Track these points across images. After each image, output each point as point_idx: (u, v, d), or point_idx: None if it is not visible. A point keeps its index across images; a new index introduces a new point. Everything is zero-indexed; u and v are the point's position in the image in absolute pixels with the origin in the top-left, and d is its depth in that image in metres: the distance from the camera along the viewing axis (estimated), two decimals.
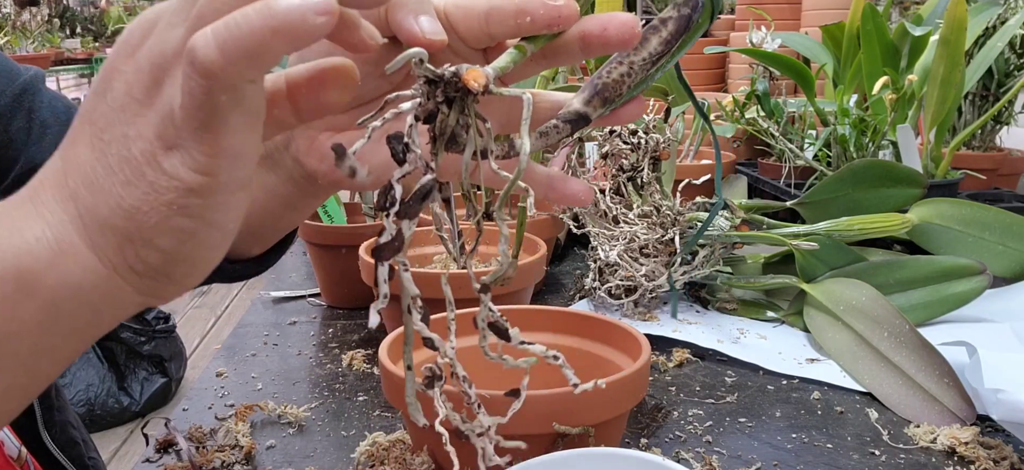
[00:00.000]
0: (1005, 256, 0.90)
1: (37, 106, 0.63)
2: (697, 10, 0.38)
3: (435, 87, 0.33)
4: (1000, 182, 1.27)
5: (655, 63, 0.38)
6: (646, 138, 0.92)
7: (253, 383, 0.77)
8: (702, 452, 0.62)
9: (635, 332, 0.60)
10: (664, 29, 0.38)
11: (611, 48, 0.37)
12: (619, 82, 0.38)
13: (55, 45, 4.99)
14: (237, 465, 0.61)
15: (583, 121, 0.39)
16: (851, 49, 1.33)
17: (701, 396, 0.72)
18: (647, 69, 0.38)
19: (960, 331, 0.77)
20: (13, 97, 0.62)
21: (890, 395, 0.70)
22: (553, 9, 0.36)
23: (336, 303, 0.98)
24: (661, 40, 0.38)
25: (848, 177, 0.97)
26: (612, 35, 0.36)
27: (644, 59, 0.38)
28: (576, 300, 0.94)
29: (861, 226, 0.89)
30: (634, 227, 0.88)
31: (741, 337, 0.84)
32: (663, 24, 0.38)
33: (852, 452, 0.62)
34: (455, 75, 0.32)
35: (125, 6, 4.43)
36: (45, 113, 0.64)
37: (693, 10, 0.38)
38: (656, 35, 0.38)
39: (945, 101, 1.06)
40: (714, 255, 0.89)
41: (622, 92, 0.38)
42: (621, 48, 0.37)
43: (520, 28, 0.36)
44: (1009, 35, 1.12)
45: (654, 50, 0.38)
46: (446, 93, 0.33)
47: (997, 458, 0.60)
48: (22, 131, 0.62)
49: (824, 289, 0.83)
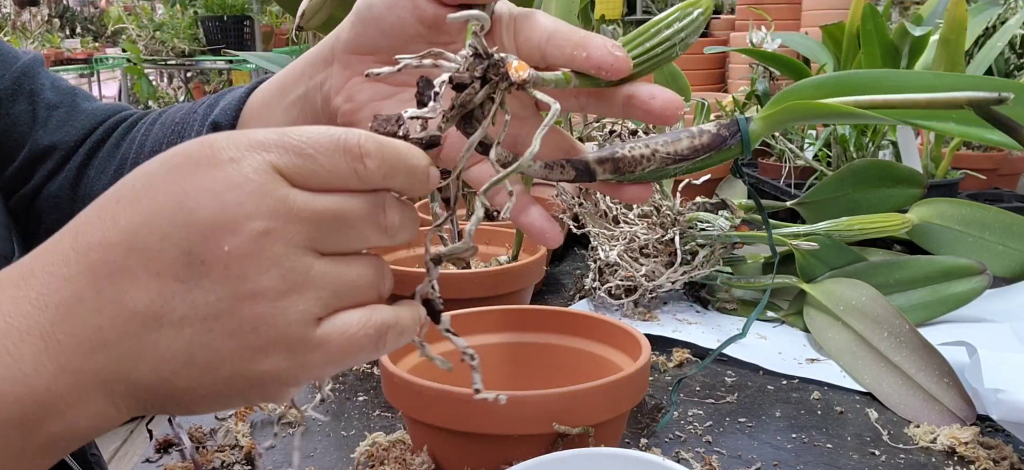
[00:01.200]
0: (1005, 256, 0.90)
1: (39, 88, 0.61)
2: (733, 137, 0.39)
3: (479, 62, 0.33)
4: (1000, 182, 1.27)
5: (676, 162, 0.39)
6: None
7: None
8: (702, 452, 0.62)
9: (635, 332, 0.60)
10: (698, 138, 0.39)
11: (652, 118, 0.38)
12: (636, 161, 0.39)
13: (55, 45, 4.98)
14: (237, 465, 0.61)
15: (588, 176, 0.39)
16: (851, 49, 1.33)
17: (701, 396, 0.72)
18: (667, 164, 0.39)
19: (960, 331, 0.77)
20: (12, 81, 0.61)
21: (890, 395, 0.70)
22: (610, 56, 0.37)
23: None
24: (692, 147, 0.39)
25: (848, 177, 0.97)
26: (656, 107, 0.38)
27: (668, 154, 0.39)
28: (576, 300, 0.94)
29: (861, 226, 0.89)
30: (634, 227, 0.88)
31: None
32: (701, 133, 0.39)
33: (852, 452, 0.62)
34: (502, 60, 0.33)
35: (125, 6, 4.43)
36: (49, 94, 0.62)
37: (730, 136, 0.39)
38: (690, 139, 0.39)
39: None
40: (714, 255, 0.89)
41: (635, 171, 0.39)
42: (660, 122, 0.38)
43: (574, 60, 0.37)
44: (1009, 35, 1.12)
45: (681, 151, 0.39)
46: (486, 72, 0.34)
47: (997, 458, 0.60)
48: (25, 114, 0.60)
49: (824, 289, 0.83)
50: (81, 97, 0.62)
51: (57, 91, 0.61)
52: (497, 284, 0.77)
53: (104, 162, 0.59)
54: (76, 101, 0.61)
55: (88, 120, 0.60)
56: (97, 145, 0.60)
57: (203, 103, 0.59)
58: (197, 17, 3.99)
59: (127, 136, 0.60)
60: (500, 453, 0.52)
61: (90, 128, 0.60)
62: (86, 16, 6.29)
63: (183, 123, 0.57)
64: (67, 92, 0.62)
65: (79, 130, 0.59)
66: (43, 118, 0.59)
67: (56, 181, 0.59)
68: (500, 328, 0.66)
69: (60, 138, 0.59)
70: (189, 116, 0.58)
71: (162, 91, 4.62)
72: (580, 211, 0.94)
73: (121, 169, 0.58)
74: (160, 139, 0.58)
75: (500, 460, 0.51)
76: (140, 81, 4.00)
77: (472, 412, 0.51)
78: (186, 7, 4.00)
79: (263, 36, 4.06)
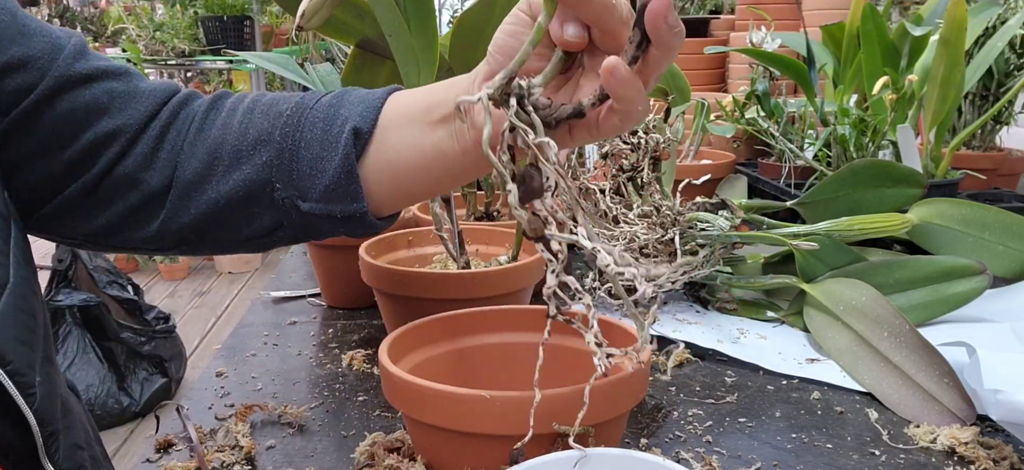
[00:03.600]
0: (1005, 256, 0.90)
1: (94, 72, 0.57)
2: None
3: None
4: (1000, 182, 1.27)
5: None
6: (646, 138, 0.92)
7: (253, 383, 0.77)
8: (702, 452, 0.62)
9: (635, 332, 0.60)
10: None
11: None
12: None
13: None
14: (237, 465, 0.61)
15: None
16: (851, 49, 1.33)
17: (701, 396, 0.72)
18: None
19: (960, 331, 0.77)
20: (65, 67, 0.56)
21: (890, 395, 0.70)
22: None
23: (336, 303, 0.98)
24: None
25: (848, 177, 0.97)
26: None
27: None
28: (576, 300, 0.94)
29: (861, 226, 0.89)
30: (634, 227, 0.88)
31: (741, 337, 0.84)
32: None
33: (852, 452, 0.62)
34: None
35: (125, 6, 4.43)
36: (106, 78, 0.58)
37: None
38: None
39: (945, 101, 1.06)
40: (714, 255, 0.89)
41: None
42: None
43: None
44: (1009, 35, 1.12)
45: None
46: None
47: (997, 458, 0.60)
48: (83, 100, 0.56)
49: (824, 289, 0.83)
50: (136, 77, 0.60)
51: (112, 74, 0.58)
52: (497, 284, 0.77)
53: (191, 145, 0.57)
54: (133, 81, 0.59)
55: (150, 100, 0.58)
56: (167, 124, 0.58)
57: (318, 99, 0.58)
58: (197, 17, 3.99)
59: (209, 119, 0.59)
60: (500, 453, 0.52)
61: (154, 108, 0.58)
62: (86, 16, 6.29)
63: (300, 119, 0.56)
64: (123, 73, 0.59)
65: (143, 111, 0.57)
66: (104, 103, 0.56)
67: (127, 161, 0.56)
68: (500, 328, 0.66)
69: (125, 121, 0.57)
70: (305, 113, 0.56)
71: None
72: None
73: (218, 152, 0.56)
74: (268, 130, 0.56)
75: (500, 460, 0.51)
76: None
77: (472, 412, 0.51)
78: (186, 7, 4.00)
79: (263, 36, 4.06)
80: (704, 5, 3.06)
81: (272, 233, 0.57)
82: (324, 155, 0.55)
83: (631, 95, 0.45)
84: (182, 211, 0.57)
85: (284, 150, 0.55)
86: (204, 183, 0.56)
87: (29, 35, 0.55)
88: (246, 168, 0.56)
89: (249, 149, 0.56)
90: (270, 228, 0.57)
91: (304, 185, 0.55)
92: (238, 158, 0.56)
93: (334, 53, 1.52)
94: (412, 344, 0.62)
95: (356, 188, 0.54)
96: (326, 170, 0.54)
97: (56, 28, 0.58)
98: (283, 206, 0.55)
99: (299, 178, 0.55)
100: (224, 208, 0.56)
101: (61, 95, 0.55)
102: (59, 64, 0.55)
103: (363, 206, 0.55)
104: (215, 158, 0.57)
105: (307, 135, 0.56)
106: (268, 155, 0.56)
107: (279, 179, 0.55)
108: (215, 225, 0.57)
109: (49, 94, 0.54)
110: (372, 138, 0.55)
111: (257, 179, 0.56)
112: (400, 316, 0.74)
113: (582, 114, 0.46)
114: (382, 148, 0.55)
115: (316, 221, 0.56)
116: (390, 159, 0.55)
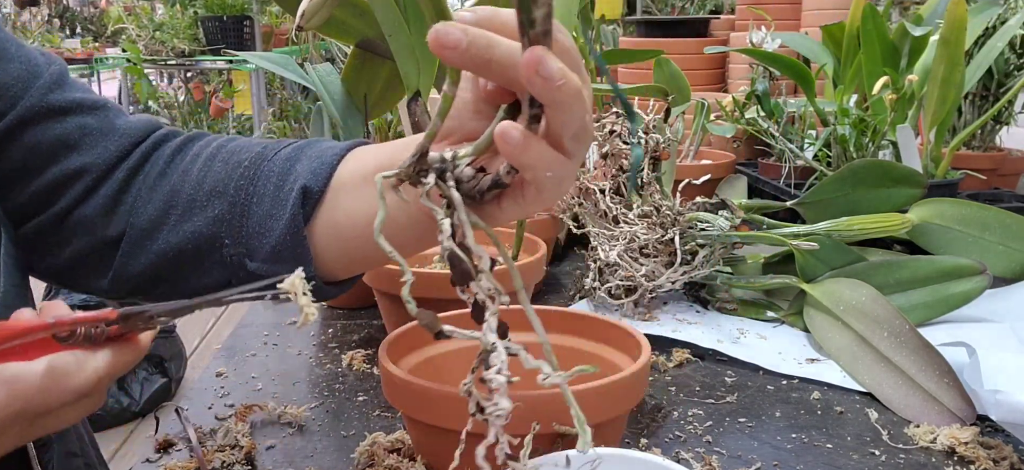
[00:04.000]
0: (1005, 256, 0.90)
1: (68, 105, 0.54)
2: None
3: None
4: (1000, 182, 1.27)
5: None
6: (646, 138, 0.92)
7: (253, 383, 0.77)
8: (702, 452, 0.62)
9: (635, 332, 0.60)
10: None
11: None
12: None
13: (55, 45, 4.98)
14: (237, 465, 0.61)
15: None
16: (851, 49, 1.33)
17: (701, 396, 0.72)
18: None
19: (960, 331, 0.77)
20: (39, 97, 0.53)
21: (890, 395, 0.70)
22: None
23: (336, 303, 0.98)
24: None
25: (848, 177, 0.97)
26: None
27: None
28: (576, 300, 0.94)
29: (861, 226, 0.89)
30: (634, 227, 0.88)
31: (741, 337, 0.84)
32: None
33: (852, 452, 0.62)
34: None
35: (125, 6, 4.43)
36: (79, 112, 0.55)
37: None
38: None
39: (945, 101, 1.06)
40: (714, 255, 0.89)
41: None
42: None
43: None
44: (1009, 35, 1.12)
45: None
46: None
47: (997, 458, 0.60)
48: (52, 134, 0.53)
49: (824, 289, 0.83)
50: (114, 113, 0.57)
51: (88, 108, 0.55)
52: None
53: (150, 190, 0.54)
54: (109, 118, 0.56)
55: (123, 140, 0.55)
56: (136, 169, 0.55)
57: (278, 150, 0.54)
58: (197, 17, 3.99)
59: (173, 163, 0.55)
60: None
61: (126, 149, 0.55)
62: (86, 16, 6.29)
63: (255, 172, 0.53)
64: (99, 108, 0.56)
65: (114, 151, 0.54)
66: (74, 139, 0.54)
67: (89, 203, 0.54)
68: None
69: (92, 159, 0.54)
70: (261, 165, 0.53)
71: (162, 91, 4.62)
72: (580, 211, 0.94)
73: (173, 200, 0.53)
74: (224, 180, 0.53)
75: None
76: (140, 81, 4.00)
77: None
78: (186, 7, 4.00)
79: (263, 36, 4.06)
80: (704, 5, 3.06)
81: (222, 289, 0.52)
82: (274, 213, 0.51)
83: (533, 162, 0.39)
84: (133, 259, 0.53)
85: (236, 204, 0.52)
86: (156, 232, 0.53)
87: (6, 59, 0.52)
88: (198, 220, 0.52)
89: (203, 200, 0.53)
90: (220, 284, 0.53)
91: (252, 244, 0.51)
92: (191, 208, 0.53)
93: (334, 53, 1.52)
94: (412, 344, 0.62)
95: (303, 251, 0.50)
96: (274, 229, 0.51)
97: (38, 53, 0.55)
98: (231, 263, 0.52)
99: (248, 236, 0.51)
100: (174, 260, 0.53)
101: (31, 126, 0.52)
102: (33, 93, 0.53)
103: (310, 271, 0.50)
104: (170, 206, 0.53)
105: (260, 190, 0.52)
106: (221, 208, 0.52)
107: (228, 235, 0.52)
108: (165, 277, 0.54)
109: (18, 123, 0.52)
110: (324, 198, 0.51)
111: (207, 233, 0.52)
112: (400, 316, 0.74)
113: (503, 185, 0.41)
114: (333, 209, 0.51)
115: None
116: (339, 222, 0.51)
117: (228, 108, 4.21)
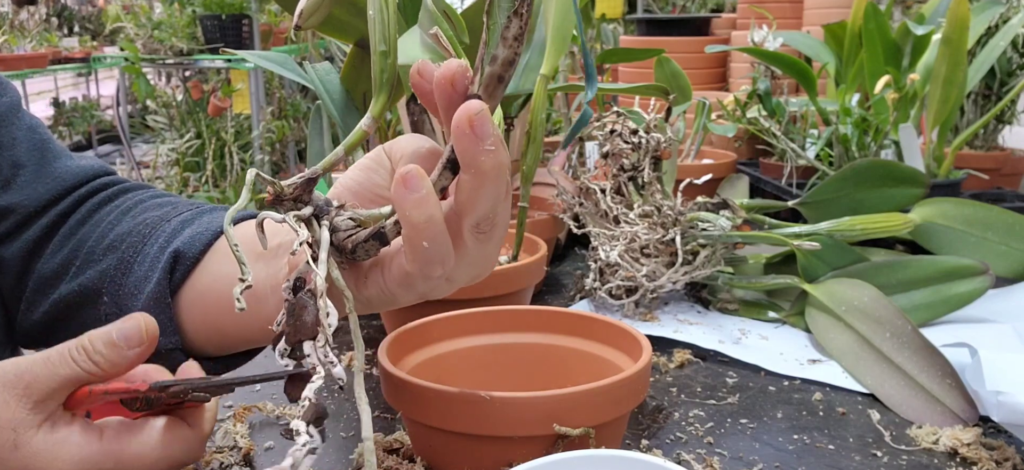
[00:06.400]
0: (1008, 256, 0.90)
1: (8, 142, 0.53)
2: None
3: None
4: (1003, 182, 1.27)
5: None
6: (647, 138, 0.92)
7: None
8: (703, 453, 0.62)
9: (636, 333, 0.60)
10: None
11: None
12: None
13: (53, 44, 4.97)
14: (235, 466, 0.61)
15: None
16: (853, 48, 1.33)
17: (702, 397, 0.72)
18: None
19: (962, 332, 0.77)
20: None
21: (892, 396, 0.70)
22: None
23: None
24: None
25: (850, 177, 0.97)
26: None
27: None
28: (576, 300, 0.94)
29: (863, 226, 0.89)
30: (635, 227, 0.88)
31: (742, 338, 0.83)
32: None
33: (854, 453, 0.62)
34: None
35: (123, 5, 4.42)
36: (17, 150, 0.53)
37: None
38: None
39: (947, 100, 1.06)
40: (715, 255, 0.89)
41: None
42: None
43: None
44: (1012, 34, 1.12)
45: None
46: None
47: (999, 459, 0.60)
48: None
49: (826, 289, 0.83)
50: (53, 155, 0.54)
51: (27, 147, 0.53)
52: (497, 284, 0.76)
53: (66, 238, 0.52)
54: (45, 160, 0.54)
55: (56, 185, 0.53)
56: (65, 214, 0.53)
57: (179, 211, 0.52)
58: (195, 16, 3.98)
59: (98, 212, 0.53)
60: (500, 454, 0.51)
61: (57, 194, 0.53)
62: (84, 15, 6.28)
63: (151, 231, 0.50)
64: (37, 148, 0.54)
65: (44, 194, 0.52)
66: (6, 176, 0.52)
67: (11, 247, 0.52)
68: (500, 328, 0.65)
69: (20, 200, 0.52)
70: (161, 225, 0.51)
71: (160, 90, 4.61)
72: (580, 211, 0.94)
73: (79, 250, 0.51)
74: (123, 235, 0.51)
75: (500, 461, 0.51)
76: (138, 80, 3.99)
77: (472, 413, 0.50)
78: (184, 6, 3.99)
79: (262, 35, 4.06)
80: (705, 3, 3.06)
81: None
82: (148, 275, 0.49)
83: (420, 220, 0.35)
84: (35, 306, 0.52)
85: (123, 261, 0.50)
86: (58, 280, 0.51)
87: None
88: (90, 273, 0.50)
89: (101, 253, 0.51)
90: None
91: (124, 304, 0.49)
92: (90, 261, 0.51)
93: (333, 52, 1.51)
94: (412, 344, 0.62)
95: (166, 319, 0.47)
96: (143, 291, 0.48)
97: None
98: (104, 320, 0.48)
99: (123, 295, 0.49)
100: (64, 311, 0.51)
101: None
102: None
103: (172, 341, 0.47)
104: (74, 256, 0.52)
105: (146, 249, 0.50)
106: (109, 263, 0.50)
107: (108, 291, 0.50)
108: (57, 329, 0.52)
109: None
110: (198, 264, 0.48)
111: (91, 287, 0.50)
112: (400, 316, 0.73)
113: (384, 239, 0.37)
114: (200, 278, 0.48)
115: None
116: (201, 292, 0.48)
117: (226, 107, 4.20)
